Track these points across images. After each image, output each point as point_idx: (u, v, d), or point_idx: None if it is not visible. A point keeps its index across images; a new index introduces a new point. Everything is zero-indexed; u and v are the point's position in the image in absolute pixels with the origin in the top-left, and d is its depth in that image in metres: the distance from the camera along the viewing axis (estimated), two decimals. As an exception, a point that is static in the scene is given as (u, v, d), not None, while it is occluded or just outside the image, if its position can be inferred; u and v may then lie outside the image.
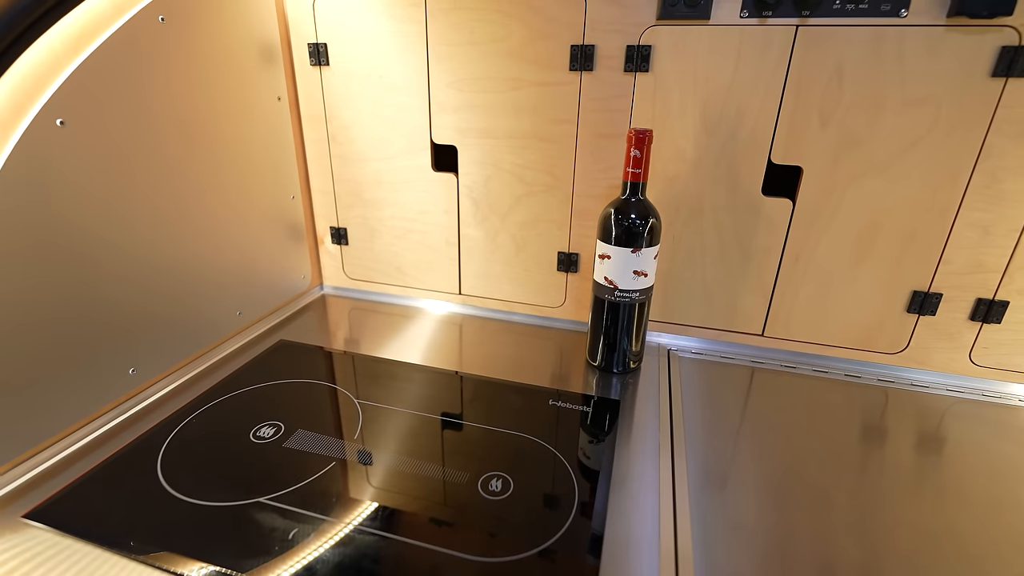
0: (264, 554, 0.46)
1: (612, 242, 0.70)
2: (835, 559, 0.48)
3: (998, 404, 0.73)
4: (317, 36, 0.84)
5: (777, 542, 0.49)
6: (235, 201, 0.80)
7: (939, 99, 0.66)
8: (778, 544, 0.49)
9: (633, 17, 0.71)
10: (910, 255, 0.73)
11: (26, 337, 0.54)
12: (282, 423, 0.63)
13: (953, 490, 0.57)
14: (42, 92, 0.53)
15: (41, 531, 0.48)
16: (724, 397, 0.73)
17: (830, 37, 0.66)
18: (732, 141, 0.74)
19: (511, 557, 0.46)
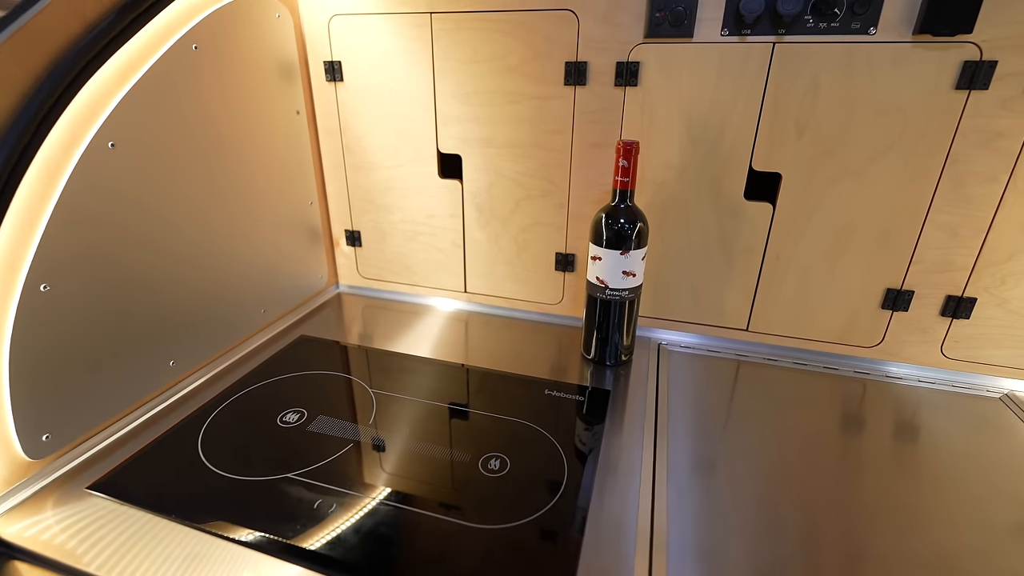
0: (294, 521, 0.53)
1: (603, 245, 0.76)
2: (809, 540, 0.54)
3: (968, 395, 0.78)
4: (332, 54, 0.91)
5: (750, 523, 0.56)
6: (258, 208, 0.87)
7: (907, 110, 0.70)
8: (751, 525, 0.55)
9: (622, 36, 0.77)
10: (883, 255, 0.78)
11: (85, 335, 0.61)
12: (305, 410, 0.71)
13: (924, 475, 0.63)
14: (96, 119, 0.60)
15: (102, 500, 0.56)
16: (710, 388, 0.79)
17: (805, 53, 0.71)
18: (715, 150, 0.79)
19: (503, 525, 0.53)
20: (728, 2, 0.71)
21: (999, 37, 0.65)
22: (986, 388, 0.79)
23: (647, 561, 0.50)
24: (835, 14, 0.68)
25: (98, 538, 0.52)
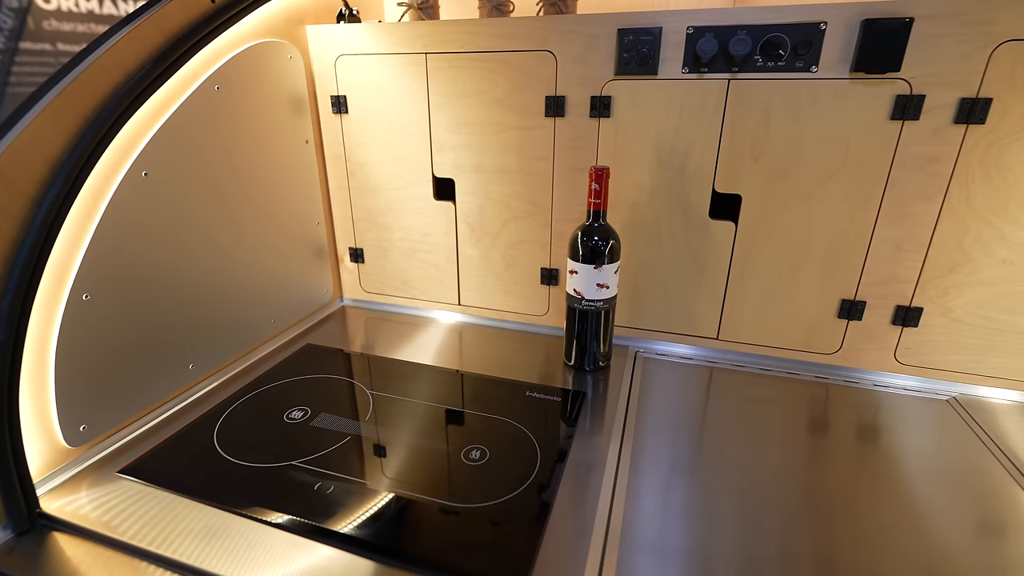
0: (296, 500, 0.61)
1: (579, 259, 0.84)
2: (762, 538, 0.61)
3: (920, 398, 0.84)
4: (338, 90, 1.01)
5: (702, 521, 0.62)
6: (270, 227, 0.96)
7: (849, 138, 0.78)
8: (702, 522, 0.62)
9: (595, 73, 0.86)
10: (836, 268, 0.86)
11: (118, 339, 0.70)
12: (309, 408, 0.79)
13: (879, 472, 0.69)
14: (132, 152, 0.70)
15: (131, 482, 0.64)
16: (681, 393, 0.86)
17: (756, 89, 0.80)
18: (682, 174, 0.88)
19: (477, 504, 0.60)
20: (687, 44, 0.80)
21: (925, 74, 0.73)
22: (936, 392, 0.85)
23: (602, 539, 0.57)
24: (781, 55, 0.77)
25: (128, 514, 0.60)
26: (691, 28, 0.79)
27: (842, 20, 0.73)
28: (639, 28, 0.81)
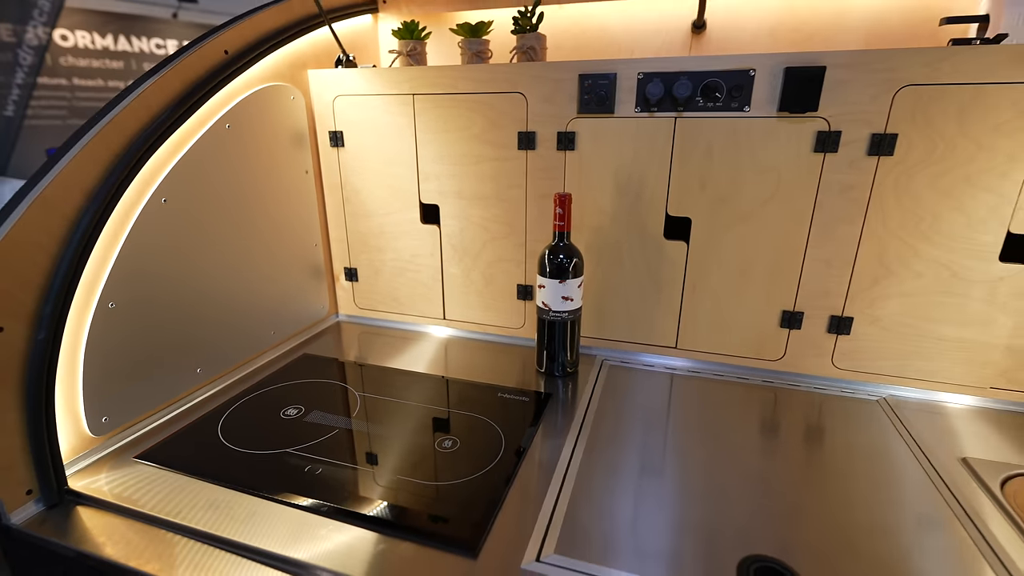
0: (292, 481, 0.70)
1: (546, 275, 0.94)
2: (689, 526, 0.69)
3: (854, 399, 0.93)
4: (335, 126, 1.14)
5: (639, 508, 0.71)
6: (272, 248, 1.07)
7: (780, 168, 0.89)
8: (638, 510, 0.71)
9: (561, 112, 0.98)
10: (776, 283, 0.96)
11: (136, 344, 0.80)
12: (303, 406, 0.88)
13: (817, 465, 0.78)
14: (154, 182, 0.81)
15: (146, 465, 0.74)
16: (638, 394, 0.95)
17: (699, 126, 0.92)
18: (638, 200, 0.99)
19: (445, 483, 0.69)
20: (638, 88, 0.92)
21: (840, 113, 0.84)
22: (867, 393, 0.94)
23: (539, 539, 0.66)
24: (718, 97, 0.89)
25: (143, 491, 0.69)
26: (641, 74, 0.91)
27: (768, 68, 0.85)
28: (597, 73, 0.94)
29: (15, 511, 0.66)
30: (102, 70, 4.29)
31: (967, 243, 0.85)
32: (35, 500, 0.68)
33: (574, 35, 1.18)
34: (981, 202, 0.82)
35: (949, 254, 0.86)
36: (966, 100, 0.79)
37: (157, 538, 0.63)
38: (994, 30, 0.86)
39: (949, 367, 0.91)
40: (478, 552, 0.60)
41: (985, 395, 0.91)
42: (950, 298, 0.88)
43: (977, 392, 0.91)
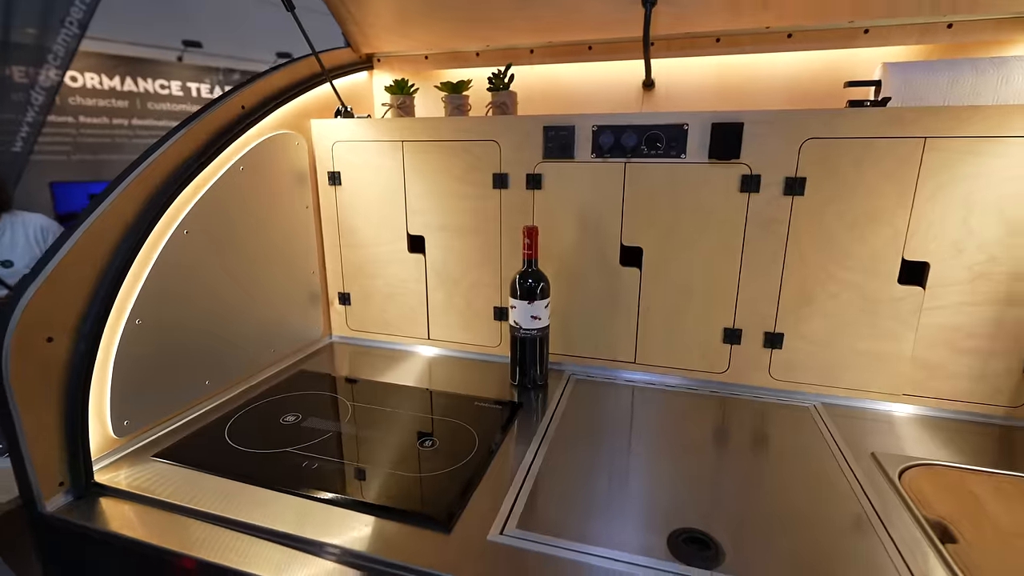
0: (291, 474, 0.81)
1: (517, 296, 1.08)
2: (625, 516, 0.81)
3: (789, 405, 1.06)
4: (334, 167, 1.29)
5: (590, 495, 0.83)
6: (275, 275, 1.20)
7: (713, 206, 1.05)
8: (590, 496, 0.83)
9: (529, 157, 1.14)
10: (718, 304, 1.10)
11: (156, 357, 0.92)
12: (300, 414, 1.00)
13: (757, 464, 0.90)
14: (179, 217, 0.95)
15: (162, 463, 0.84)
16: (599, 405, 1.07)
17: (644, 169, 1.07)
18: (597, 232, 1.13)
19: (426, 474, 0.81)
20: (593, 138, 1.08)
21: (759, 160, 1.00)
22: (800, 400, 1.07)
23: (503, 518, 0.77)
24: (659, 146, 1.05)
25: (161, 483, 0.80)
26: (595, 126, 1.08)
27: (699, 123, 1.02)
28: (559, 126, 1.10)
29: (49, 500, 0.77)
30: (108, 109, 4.48)
31: (872, 269, 1.00)
32: (65, 492, 0.79)
33: (542, 91, 1.36)
34: (879, 234, 0.98)
35: (858, 278, 1.01)
36: (860, 151, 0.95)
37: (174, 522, 0.74)
38: (885, 93, 1.04)
39: (869, 377, 1.05)
40: (451, 528, 0.71)
41: (899, 401, 1.04)
42: (863, 316, 1.02)
43: (892, 399, 1.04)
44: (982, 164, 0.91)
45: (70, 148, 4.39)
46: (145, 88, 4.77)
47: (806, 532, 0.71)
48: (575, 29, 1.22)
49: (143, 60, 4.69)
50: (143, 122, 4.73)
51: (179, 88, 4.93)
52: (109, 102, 4.47)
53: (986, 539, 0.69)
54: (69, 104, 4.34)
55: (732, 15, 1.12)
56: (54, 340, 0.76)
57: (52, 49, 3.43)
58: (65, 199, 3.90)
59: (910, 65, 1.02)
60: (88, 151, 4.46)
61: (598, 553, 0.67)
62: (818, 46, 1.14)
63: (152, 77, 4.81)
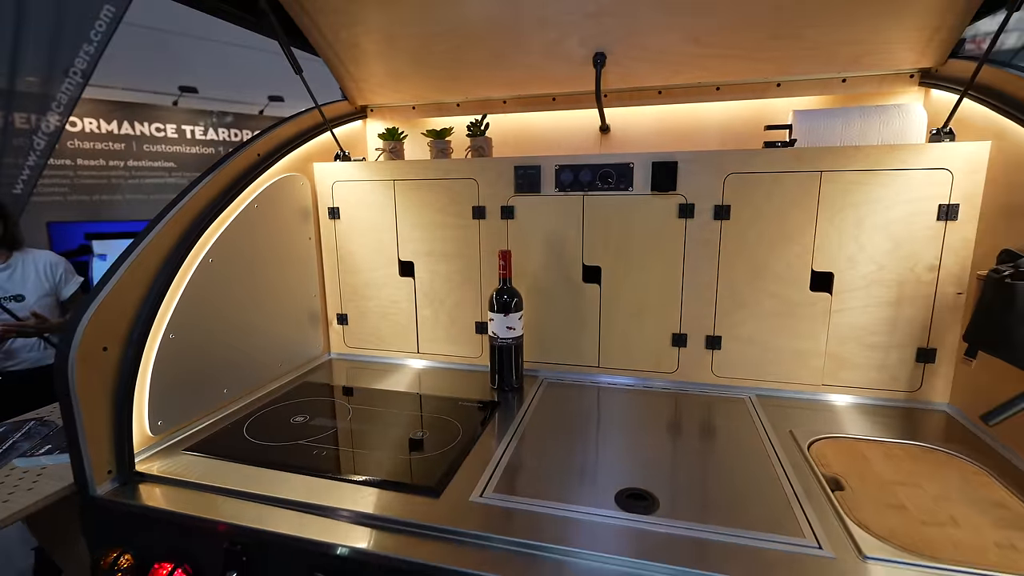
0: (303, 460, 0.96)
1: (494, 310, 1.26)
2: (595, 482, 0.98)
3: (729, 398, 1.24)
4: (333, 203, 1.47)
5: (554, 468, 0.99)
6: (282, 298, 1.37)
7: (657, 230, 1.25)
8: (553, 469, 0.99)
9: (502, 192, 1.34)
10: (666, 312, 1.29)
11: (184, 367, 1.08)
12: (308, 415, 1.15)
13: (703, 447, 1.07)
14: (204, 248, 1.12)
15: (193, 456, 0.99)
16: (567, 402, 1.24)
17: (600, 200, 1.27)
18: (562, 254, 1.33)
19: (417, 456, 0.97)
20: (555, 175, 1.29)
21: (692, 191, 1.21)
22: (737, 393, 1.25)
23: (483, 485, 0.93)
24: (611, 181, 1.25)
25: (192, 470, 0.94)
26: (557, 166, 1.28)
27: (642, 161, 1.23)
28: (527, 165, 1.30)
29: (100, 486, 0.91)
30: (104, 151, 4.66)
31: (788, 279, 1.20)
32: (112, 479, 0.93)
33: (514, 136, 1.57)
34: (792, 250, 1.18)
35: (778, 287, 1.21)
36: (771, 183, 1.16)
37: (205, 498, 0.89)
38: (795, 135, 1.26)
39: (792, 371, 1.24)
40: (440, 494, 0.87)
41: (818, 390, 1.23)
42: (784, 320, 1.22)
43: (812, 388, 1.23)
44: (869, 192, 1.13)
45: (67, 189, 4.54)
46: (141, 131, 4.96)
47: (727, 487, 0.88)
48: (540, 84, 1.44)
49: (140, 105, 4.90)
50: (139, 163, 4.90)
51: (174, 130, 5.13)
52: (106, 145, 4.65)
53: (868, 487, 0.87)
54: (67, 147, 4.50)
55: (670, 72, 1.34)
56: (108, 349, 0.92)
57: (56, 97, 3.62)
58: (61, 238, 4.01)
59: (813, 112, 1.25)
60: (84, 192, 4.61)
61: (559, 508, 0.83)
62: (741, 97, 1.36)
63: (148, 121, 5.01)
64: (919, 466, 0.93)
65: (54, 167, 4.36)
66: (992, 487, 0.86)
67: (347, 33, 1.33)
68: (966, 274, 1.09)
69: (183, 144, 5.10)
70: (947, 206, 1.09)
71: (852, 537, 0.74)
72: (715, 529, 0.77)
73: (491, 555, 0.75)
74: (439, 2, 1.20)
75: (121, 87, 4.77)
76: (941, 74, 1.19)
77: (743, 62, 1.28)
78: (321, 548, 0.78)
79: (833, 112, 1.24)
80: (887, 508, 0.81)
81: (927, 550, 0.72)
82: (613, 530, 0.78)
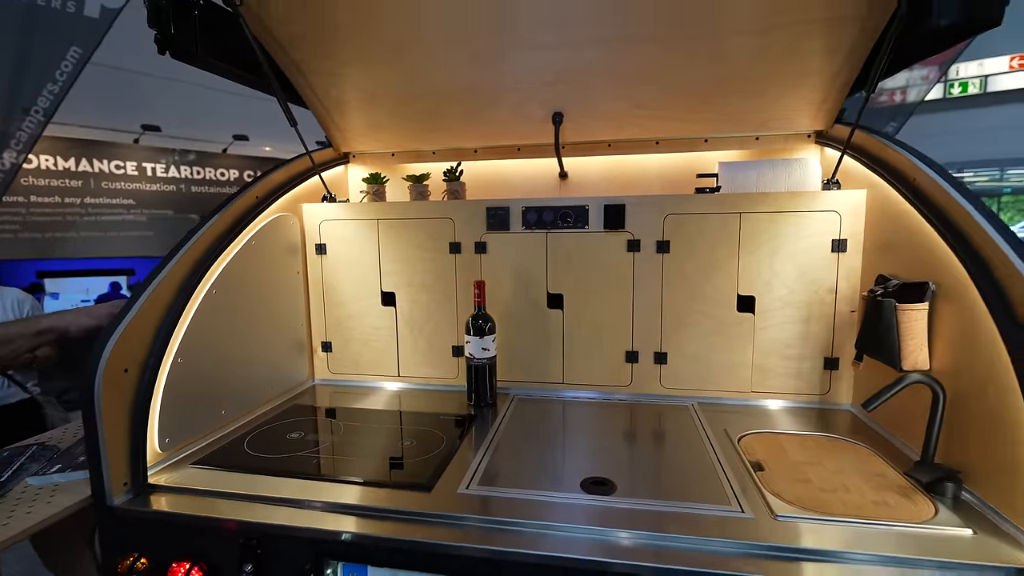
0: (299, 469, 1.08)
1: (470, 333, 1.42)
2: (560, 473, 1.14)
3: (675, 406, 1.43)
4: (320, 240, 1.62)
5: (527, 466, 1.15)
6: (274, 327, 1.49)
7: (610, 262, 1.46)
8: (526, 466, 1.15)
9: (476, 230, 1.52)
10: (619, 334, 1.48)
11: (188, 390, 1.18)
12: (302, 432, 1.26)
13: (644, 441, 1.25)
14: (209, 281, 1.24)
15: (199, 468, 1.09)
16: (536, 415, 1.40)
17: (561, 237, 1.48)
18: (529, 284, 1.51)
19: (409, 460, 1.10)
20: (522, 215, 1.49)
21: (638, 229, 1.43)
22: (682, 402, 1.45)
23: (468, 480, 1.08)
24: (570, 220, 1.46)
25: (200, 480, 1.04)
26: (523, 207, 1.48)
27: (596, 204, 1.45)
28: (497, 207, 1.50)
29: (116, 496, 1.00)
30: (60, 188, 4.59)
31: (719, 302, 1.42)
32: (127, 491, 1.02)
33: (485, 180, 1.77)
34: (721, 278, 1.41)
35: (712, 309, 1.43)
36: (701, 222, 1.40)
37: (215, 502, 0.99)
38: (720, 182, 1.51)
39: (727, 381, 1.45)
40: (431, 489, 1.01)
41: (748, 397, 1.44)
42: (718, 337, 1.44)
43: (743, 395, 1.44)
44: (779, 229, 1.38)
45: (18, 227, 4.42)
46: (100, 168, 4.92)
47: (673, 473, 1.06)
48: (508, 137, 1.65)
49: (100, 142, 4.88)
50: (96, 200, 4.84)
51: (134, 168, 5.12)
52: (63, 182, 4.59)
53: (782, 467, 1.06)
54: (20, 184, 4.41)
55: (617, 129, 1.58)
56: (128, 371, 1.02)
57: (14, 135, 3.59)
58: (11, 277, 3.89)
59: (734, 164, 1.51)
60: (37, 229, 4.50)
61: (535, 494, 0.98)
62: (676, 150, 1.62)
63: (108, 158, 4.98)
64: (823, 451, 1.14)
65: (6, 203, 4.25)
66: (876, 462, 1.08)
67: (336, 91, 1.51)
68: (856, 295, 1.35)
69: (143, 181, 5.08)
70: (838, 241, 1.35)
71: (768, 503, 0.93)
72: (663, 503, 0.94)
73: (480, 533, 0.89)
74: (420, 69, 1.40)
75: (79, 124, 4.75)
76: (829, 135, 1.47)
77: (677, 122, 1.53)
78: (328, 536, 0.91)
79: (750, 164, 1.50)
80: (796, 482, 1.01)
81: (823, 509, 0.91)
82: (580, 508, 0.94)
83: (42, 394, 2.05)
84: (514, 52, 1.30)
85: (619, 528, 0.88)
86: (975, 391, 0.95)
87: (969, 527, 0.86)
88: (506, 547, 0.86)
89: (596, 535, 0.88)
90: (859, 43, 1.17)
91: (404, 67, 1.38)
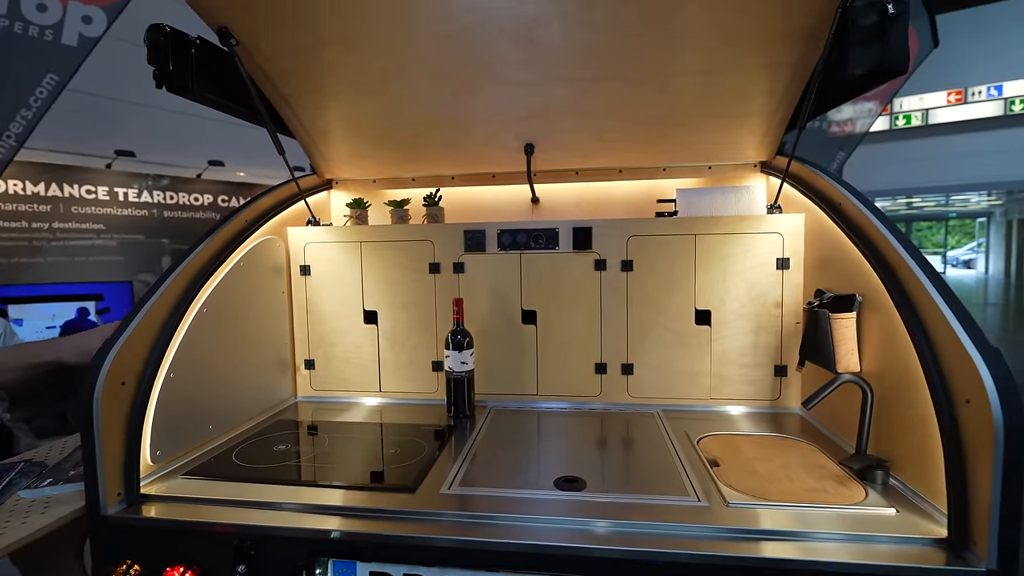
0: (288, 477, 1.14)
1: (449, 348, 1.51)
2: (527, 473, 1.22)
3: (641, 413, 1.54)
4: (305, 261, 1.69)
5: (503, 469, 1.23)
6: (259, 346, 1.54)
7: (579, 280, 1.58)
8: (503, 470, 1.23)
9: (454, 251, 1.62)
10: (589, 347, 1.59)
11: (178, 405, 1.23)
12: (288, 444, 1.32)
13: (614, 445, 1.34)
14: (200, 300, 1.31)
15: (190, 479, 1.14)
16: (512, 425, 1.49)
17: (535, 258, 1.59)
18: (505, 302, 1.61)
19: (394, 466, 1.18)
20: (498, 237, 1.60)
21: (604, 249, 1.56)
22: (647, 410, 1.56)
23: (449, 482, 1.16)
24: (541, 242, 1.58)
25: (191, 490, 1.09)
26: (499, 230, 1.60)
27: (565, 227, 1.57)
28: (475, 229, 1.61)
29: (110, 506, 1.04)
30: (28, 213, 4.52)
31: (679, 316, 1.55)
32: (120, 501, 1.06)
33: (462, 205, 1.88)
34: (680, 294, 1.54)
35: (672, 322, 1.55)
36: (662, 243, 1.54)
37: (208, 509, 1.04)
38: (678, 207, 1.65)
39: (688, 389, 1.57)
40: (415, 491, 1.08)
41: (708, 403, 1.56)
42: (679, 348, 1.56)
43: (703, 402, 1.56)
44: (729, 249, 1.52)
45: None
46: (70, 193, 4.86)
47: (638, 471, 1.16)
48: (483, 165, 1.77)
49: (71, 167, 4.83)
50: (65, 225, 4.77)
51: (106, 192, 5.07)
52: (31, 207, 4.52)
53: (736, 463, 1.18)
54: (-14, 209, 4.33)
55: (583, 158, 1.72)
56: (126, 384, 1.08)
57: (-16, 159, 3.56)
58: (-28, 302, 3.80)
59: (690, 190, 1.66)
60: (2, 254, 4.40)
61: (512, 492, 1.07)
62: (638, 177, 1.76)
63: (79, 183, 4.93)
64: (772, 448, 1.25)
65: (-30, 228, 4.17)
66: (819, 456, 1.20)
67: (322, 122, 1.61)
68: (799, 308, 1.49)
69: (115, 206, 5.04)
70: (782, 259, 1.49)
71: (721, 493, 1.04)
72: (628, 496, 1.04)
73: (461, 526, 0.97)
74: (401, 102, 1.51)
75: (49, 149, 4.71)
76: (772, 165, 1.64)
77: (638, 153, 1.68)
78: (318, 535, 0.97)
79: (704, 191, 1.65)
80: (747, 474, 1.12)
81: (768, 496, 1.02)
82: (553, 502, 1.03)
83: (11, 420, 2.03)
84: (490, 88, 1.42)
85: (589, 517, 0.97)
86: (896, 389, 1.08)
87: (893, 507, 0.98)
88: (485, 538, 0.93)
89: (567, 525, 0.96)
90: (792, 86, 1.34)
91: (387, 100, 1.49)
